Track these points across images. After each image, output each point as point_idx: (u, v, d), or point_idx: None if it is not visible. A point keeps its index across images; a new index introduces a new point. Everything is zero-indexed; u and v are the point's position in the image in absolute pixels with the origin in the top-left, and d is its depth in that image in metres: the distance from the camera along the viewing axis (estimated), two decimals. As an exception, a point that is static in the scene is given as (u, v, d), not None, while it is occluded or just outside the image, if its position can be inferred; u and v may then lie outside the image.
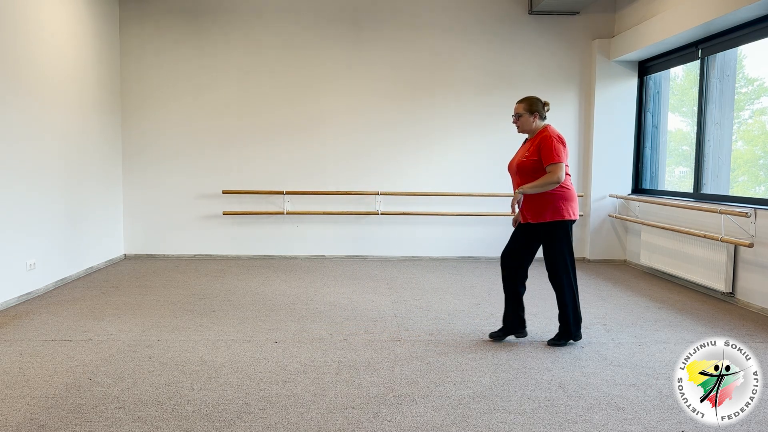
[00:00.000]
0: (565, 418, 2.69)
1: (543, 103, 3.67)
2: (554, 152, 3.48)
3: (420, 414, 2.71)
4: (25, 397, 2.84)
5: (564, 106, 6.87)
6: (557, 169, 3.46)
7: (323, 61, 6.74)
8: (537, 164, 3.55)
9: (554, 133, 3.57)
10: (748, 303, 4.76)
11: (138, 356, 3.43)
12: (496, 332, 3.82)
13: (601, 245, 6.86)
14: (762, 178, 5.62)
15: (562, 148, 3.51)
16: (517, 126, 3.71)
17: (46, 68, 5.10)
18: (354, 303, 4.75)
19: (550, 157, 3.48)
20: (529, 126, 3.66)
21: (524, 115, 3.65)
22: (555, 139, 3.52)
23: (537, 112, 3.63)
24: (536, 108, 3.63)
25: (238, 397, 2.87)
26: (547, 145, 3.51)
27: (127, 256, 6.80)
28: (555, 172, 3.46)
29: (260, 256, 6.86)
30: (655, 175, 6.67)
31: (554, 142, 3.50)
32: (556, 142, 3.51)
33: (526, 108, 3.63)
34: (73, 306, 4.59)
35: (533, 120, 3.64)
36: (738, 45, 5.19)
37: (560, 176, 3.46)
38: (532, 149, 3.58)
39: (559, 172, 3.46)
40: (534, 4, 6.62)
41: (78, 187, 5.69)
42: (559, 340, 3.73)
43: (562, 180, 3.48)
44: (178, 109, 6.73)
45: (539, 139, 3.56)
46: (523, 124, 3.67)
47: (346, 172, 6.83)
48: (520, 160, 3.64)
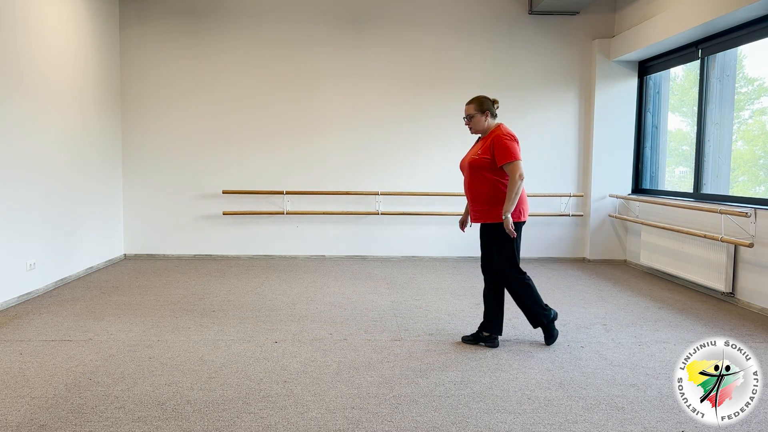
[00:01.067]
0: (565, 418, 2.69)
1: (492, 101, 3.69)
2: (509, 151, 3.49)
3: (420, 414, 2.71)
4: (25, 397, 2.84)
5: (564, 106, 6.87)
6: (514, 168, 3.47)
7: (323, 60, 6.74)
8: (489, 163, 3.56)
9: (506, 131, 3.59)
10: (748, 303, 4.76)
11: (138, 356, 3.43)
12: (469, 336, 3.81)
13: (601, 245, 6.86)
14: (762, 178, 5.62)
15: (516, 146, 3.53)
16: (469, 127, 3.72)
17: (46, 68, 5.10)
18: (354, 303, 4.75)
19: (505, 156, 3.49)
20: (481, 126, 3.67)
21: (476, 116, 3.66)
22: (507, 137, 3.54)
23: (488, 111, 3.65)
24: (487, 107, 3.65)
25: (238, 397, 2.87)
26: (500, 144, 3.52)
27: (127, 256, 6.80)
28: (513, 173, 3.47)
29: (260, 256, 6.86)
30: (655, 175, 6.67)
31: (508, 141, 3.52)
32: (509, 140, 3.53)
33: (477, 108, 3.65)
34: (73, 306, 4.59)
35: (485, 119, 3.66)
36: (738, 45, 5.19)
37: (520, 173, 3.46)
38: (485, 148, 3.60)
39: (517, 169, 3.46)
40: (534, 4, 6.62)
41: (78, 187, 5.69)
42: (549, 338, 3.73)
43: (523, 175, 3.48)
44: (178, 109, 6.73)
45: (492, 138, 3.58)
46: (476, 124, 3.68)
47: (346, 172, 6.83)
48: (472, 158, 3.65)
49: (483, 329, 3.75)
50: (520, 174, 3.46)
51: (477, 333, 3.78)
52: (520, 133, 6.81)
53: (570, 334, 3.97)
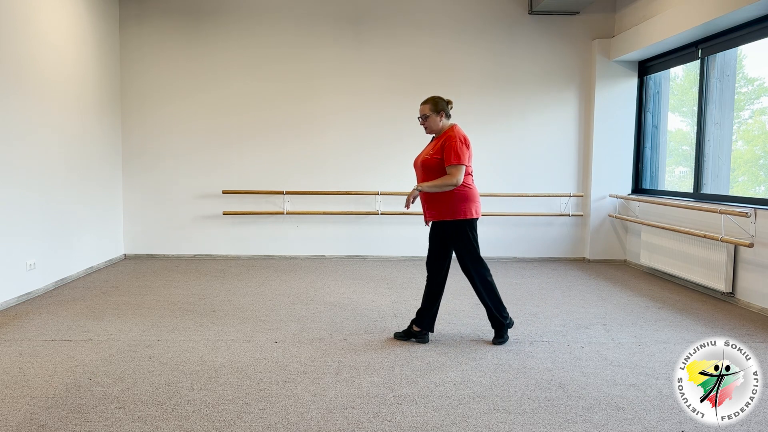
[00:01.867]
0: (565, 418, 2.69)
1: (447, 102, 3.72)
2: (456, 154, 3.52)
3: (420, 414, 2.71)
4: (25, 397, 2.84)
5: (564, 106, 6.87)
6: (457, 171, 3.50)
7: (323, 60, 6.74)
8: (440, 163, 3.58)
9: (459, 133, 3.61)
10: (748, 303, 4.76)
11: (138, 356, 3.43)
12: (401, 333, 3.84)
13: (601, 245, 6.86)
14: (762, 178, 5.62)
15: (465, 150, 3.56)
16: (424, 127, 3.74)
17: (46, 68, 5.10)
18: (354, 303, 4.75)
19: (450, 158, 3.52)
20: (436, 126, 3.70)
21: (431, 116, 3.68)
22: (459, 140, 3.56)
23: (442, 111, 3.68)
24: (441, 107, 3.68)
25: (238, 397, 2.87)
26: (450, 145, 3.55)
27: (127, 256, 6.80)
28: (454, 175, 3.51)
29: (260, 256, 6.86)
30: (655, 175, 6.67)
31: (458, 143, 3.55)
32: (460, 143, 3.55)
33: (432, 108, 3.68)
34: (73, 306, 4.59)
35: (439, 119, 3.68)
36: (738, 45, 5.19)
37: (458, 179, 3.50)
38: (437, 148, 3.62)
39: (458, 175, 3.50)
40: (534, 4, 6.62)
41: (78, 186, 5.69)
42: (501, 337, 3.76)
43: (459, 183, 3.52)
44: (178, 109, 6.73)
45: (444, 139, 3.61)
46: (430, 124, 3.70)
47: (346, 172, 6.83)
48: (424, 157, 3.67)
49: (415, 324, 3.80)
50: (458, 179, 3.51)
51: (409, 329, 3.82)
52: (520, 133, 6.88)
53: (570, 334, 3.97)
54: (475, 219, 3.66)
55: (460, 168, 3.51)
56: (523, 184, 6.89)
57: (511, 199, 6.88)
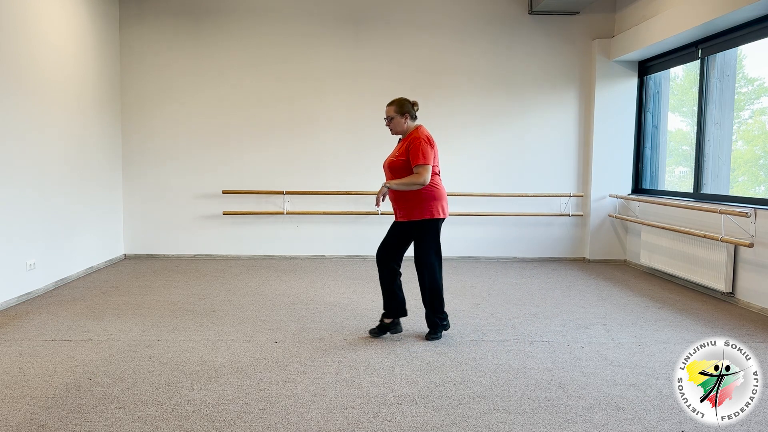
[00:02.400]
0: (565, 418, 2.69)
1: (412, 104, 3.79)
2: (421, 154, 3.60)
3: (420, 414, 2.71)
4: (25, 397, 2.84)
5: (564, 106, 6.87)
6: (423, 171, 3.59)
7: (323, 60, 6.74)
8: (406, 164, 3.67)
9: (424, 134, 3.68)
10: (748, 303, 4.76)
11: (138, 356, 3.43)
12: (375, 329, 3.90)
13: (601, 245, 6.86)
14: (762, 178, 5.62)
15: (429, 150, 3.63)
16: (390, 128, 3.82)
17: (45, 68, 5.10)
18: (354, 303, 4.75)
19: (417, 159, 3.60)
20: (401, 127, 3.77)
21: (395, 118, 3.76)
22: (424, 140, 3.64)
23: (407, 113, 3.75)
24: (406, 109, 3.75)
25: (238, 397, 2.87)
26: (415, 146, 3.62)
27: (127, 256, 6.80)
28: (421, 174, 3.59)
29: (260, 256, 6.86)
30: (655, 175, 6.67)
31: (423, 143, 3.62)
32: (424, 143, 3.62)
33: (397, 110, 3.75)
34: (73, 306, 4.59)
35: (404, 121, 3.76)
36: (738, 45, 5.19)
37: (426, 178, 3.58)
38: (403, 150, 3.70)
39: (425, 174, 3.58)
40: (534, 4, 6.62)
41: (78, 186, 5.69)
42: (435, 333, 3.82)
43: (427, 182, 3.60)
44: (178, 109, 6.73)
45: (409, 140, 3.68)
46: (395, 126, 3.78)
47: (347, 172, 6.83)
48: (391, 159, 3.75)
49: (385, 317, 3.86)
50: (425, 179, 3.59)
51: (381, 323, 3.87)
52: (521, 133, 6.88)
53: (570, 334, 3.97)
54: (441, 219, 3.75)
55: (427, 168, 3.60)
56: (523, 184, 6.89)
57: (511, 199, 6.88)
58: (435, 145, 3.71)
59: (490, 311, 4.56)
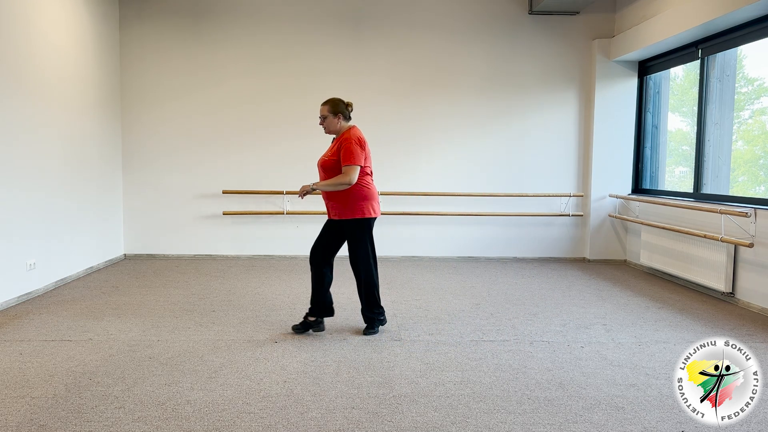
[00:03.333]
0: (565, 418, 2.69)
1: (346, 104, 3.86)
2: (350, 154, 3.66)
3: (420, 414, 2.71)
4: (25, 397, 2.84)
5: (564, 106, 6.87)
6: (350, 171, 3.66)
7: (323, 60, 6.74)
8: (337, 164, 3.74)
9: (355, 135, 3.74)
10: (748, 303, 4.76)
11: (138, 356, 3.43)
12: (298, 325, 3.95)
13: (601, 245, 6.86)
14: (762, 178, 5.62)
15: (359, 151, 3.69)
16: (323, 127, 3.87)
17: (45, 68, 5.10)
18: (354, 303, 4.75)
19: (345, 159, 3.68)
20: (334, 127, 3.83)
21: (329, 117, 3.82)
22: (354, 141, 3.70)
23: (340, 113, 3.82)
24: (339, 109, 3.81)
25: (238, 397, 2.87)
26: (345, 146, 3.69)
27: (127, 256, 6.80)
28: (347, 174, 3.66)
29: (260, 256, 6.86)
30: (655, 175, 6.68)
31: (353, 144, 3.68)
32: (354, 144, 3.69)
33: (330, 110, 3.81)
34: (73, 306, 4.59)
35: (338, 121, 3.82)
36: (738, 45, 5.19)
37: (352, 178, 3.66)
38: (334, 149, 3.77)
39: (352, 174, 3.66)
40: (534, 4, 6.62)
41: (78, 186, 5.69)
42: (371, 328, 3.89)
43: (353, 182, 3.67)
44: (178, 109, 6.73)
45: (341, 141, 3.74)
46: (329, 125, 3.84)
47: (346, 172, 6.82)
48: (324, 159, 3.82)
49: (310, 314, 3.91)
50: (351, 179, 3.66)
51: (305, 321, 3.91)
52: (520, 133, 6.88)
53: (570, 334, 3.97)
54: (373, 218, 3.82)
55: (354, 168, 3.66)
56: (523, 184, 6.89)
57: (511, 199, 6.88)
58: (366, 146, 3.78)
59: (490, 311, 4.56)
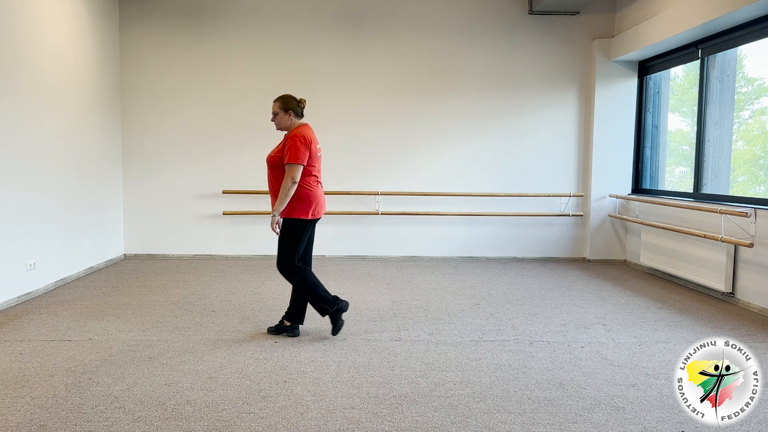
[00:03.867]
0: (565, 418, 2.69)
1: (298, 101, 3.86)
2: (293, 152, 3.63)
3: (420, 414, 2.71)
4: (25, 397, 2.84)
5: (564, 106, 6.87)
6: (291, 170, 3.62)
7: (323, 60, 6.74)
8: (282, 161, 3.71)
9: (302, 134, 3.70)
10: (748, 303, 4.76)
11: (138, 356, 3.43)
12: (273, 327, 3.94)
13: (601, 245, 6.86)
14: (762, 178, 5.62)
15: (303, 150, 3.65)
16: (275, 124, 3.86)
17: (45, 68, 5.10)
18: (354, 303, 4.75)
19: (289, 157, 3.64)
20: (284, 124, 3.83)
21: (280, 114, 3.81)
22: (300, 140, 3.66)
23: (291, 110, 3.81)
24: (290, 106, 3.80)
25: (238, 397, 2.87)
26: (289, 144, 3.67)
27: (127, 256, 6.79)
28: (288, 172, 3.63)
29: (260, 256, 6.86)
30: (655, 175, 6.68)
31: (297, 143, 3.65)
32: (299, 143, 3.65)
33: (281, 106, 3.80)
34: (73, 306, 4.59)
35: (288, 118, 3.81)
36: (738, 45, 5.19)
37: (294, 177, 3.61)
38: (281, 146, 3.75)
39: (293, 173, 3.61)
40: (534, 4, 6.62)
41: (78, 186, 5.69)
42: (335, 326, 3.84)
43: (296, 180, 3.62)
44: (178, 109, 6.73)
45: (288, 138, 3.72)
46: (280, 122, 3.83)
47: (346, 172, 6.83)
48: (271, 155, 3.79)
49: (285, 319, 3.89)
50: (293, 177, 3.62)
51: (280, 324, 3.90)
52: (520, 133, 6.87)
53: (570, 334, 3.97)
54: (309, 220, 3.75)
55: (295, 167, 3.62)
56: (523, 184, 6.89)
57: (511, 199, 6.88)
58: (313, 145, 3.71)
59: (490, 311, 4.56)
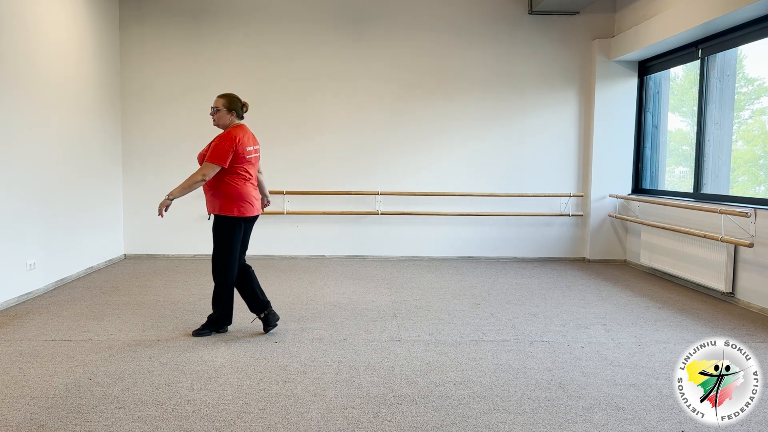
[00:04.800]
0: (565, 418, 2.69)
1: (242, 104, 3.83)
2: (216, 151, 3.61)
3: (420, 414, 2.71)
4: (25, 397, 2.84)
5: (564, 106, 6.87)
6: (205, 168, 3.62)
7: (323, 61, 6.74)
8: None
9: (232, 135, 3.68)
10: (748, 303, 4.76)
11: (138, 356, 3.43)
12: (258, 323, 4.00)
13: (601, 245, 6.86)
14: (762, 178, 5.62)
15: (227, 152, 3.62)
16: (213, 119, 3.82)
17: (45, 68, 5.10)
18: (354, 303, 4.75)
19: (211, 154, 3.63)
20: (224, 122, 3.80)
21: (222, 111, 3.78)
22: (228, 140, 3.65)
23: (234, 111, 3.79)
24: (234, 106, 3.78)
25: (238, 397, 2.87)
26: (215, 143, 3.67)
27: (127, 256, 6.79)
28: (201, 170, 3.63)
29: (260, 256, 6.86)
30: (655, 175, 6.68)
31: (223, 143, 3.64)
32: (225, 143, 3.64)
33: (225, 105, 3.78)
34: (73, 306, 4.59)
35: (229, 117, 3.78)
36: (738, 45, 5.19)
37: (205, 174, 3.60)
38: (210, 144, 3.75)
39: (206, 170, 3.61)
40: (534, 4, 6.62)
41: (78, 186, 5.69)
42: (203, 329, 3.85)
43: (207, 178, 3.62)
44: (178, 109, 6.73)
45: (218, 137, 3.71)
46: (219, 119, 3.80)
47: (346, 172, 6.83)
48: (201, 153, 3.79)
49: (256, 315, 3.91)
50: (204, 174, 3.61)
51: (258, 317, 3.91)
52: (520, 133, 6.87)
53: (570, 334, 3.97)
54: (238, 218, 3.75)
55: (212, 166, 3.61)
56: (523, 184, 6.89)
57: (511, 199, 6.88)
58: (241, 146, 3.66)
59: (490, 311, 4.56)
